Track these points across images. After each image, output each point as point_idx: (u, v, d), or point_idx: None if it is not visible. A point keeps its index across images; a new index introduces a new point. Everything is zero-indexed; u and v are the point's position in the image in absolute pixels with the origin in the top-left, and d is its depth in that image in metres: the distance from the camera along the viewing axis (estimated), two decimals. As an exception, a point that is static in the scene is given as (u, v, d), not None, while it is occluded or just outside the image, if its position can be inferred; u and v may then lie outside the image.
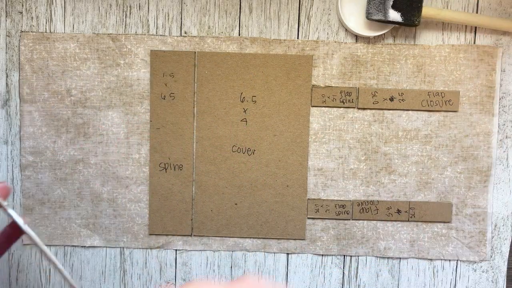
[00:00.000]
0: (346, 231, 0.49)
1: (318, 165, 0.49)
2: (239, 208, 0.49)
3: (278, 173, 0.49)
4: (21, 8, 0.47)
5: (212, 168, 0.48)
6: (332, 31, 0.48)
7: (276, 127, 0.48)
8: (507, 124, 0.49)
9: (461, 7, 0.48)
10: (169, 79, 0.48)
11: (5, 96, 0.48)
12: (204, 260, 0.50)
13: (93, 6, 0.48)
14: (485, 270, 0.50)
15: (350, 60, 0.48)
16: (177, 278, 0.50)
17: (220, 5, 0.48)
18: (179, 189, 0.49)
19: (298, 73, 0.48)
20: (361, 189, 0.49)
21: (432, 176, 0.49)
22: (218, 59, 0.48)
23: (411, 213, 0.49)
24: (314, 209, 0.49)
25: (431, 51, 0.48)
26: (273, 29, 0.48)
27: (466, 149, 0.49)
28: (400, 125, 0.49)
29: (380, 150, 0.49)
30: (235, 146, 0.48)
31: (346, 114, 0.48)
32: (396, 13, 0.45)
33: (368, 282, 0.50)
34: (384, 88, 0.48)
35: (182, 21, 0.48)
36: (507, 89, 0.49)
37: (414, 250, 0.49)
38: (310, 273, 0.50)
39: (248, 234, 0.49)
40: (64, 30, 0.48)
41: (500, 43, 0.48)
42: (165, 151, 0.48)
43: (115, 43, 0.47)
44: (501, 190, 0.49)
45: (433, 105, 0.48)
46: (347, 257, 0.50)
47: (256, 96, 0.48)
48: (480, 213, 0.49)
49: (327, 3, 0.48)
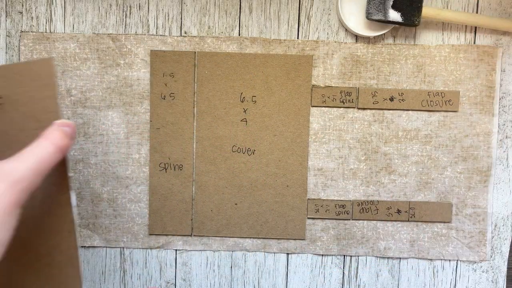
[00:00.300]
0: (346, 231, 0.49)
1: (318, 165, 0.49)
2: (239, 208, 0.49)
3: (278, 173, 0.49)
4: (21, 8, 0.47)
5: (212, 168, 0.48)
6: (332, 31, 0.48)
7: (276, 127, 0.48)
8: (507, 124, 0.49)
9: (461, 7, 0.48)
10: (169, 79, 0.48)
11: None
12: (204, 260, 0.50)
13: (93, 6, 0.48)
14: (485, 270, 0.50)
15: (350, 60, 0.48)
16: (177, 278, 0.50)
17: (220, 5, 0.48)
18: (179, 189, 0.49)
19: (298, 73, 0.48)
20: (361, 189, 0.49)
21: (432, 176, 0.49)
22: (218, 59, 0.48)
23: (411, 213, 0.49)
24: (314, 209, 0.49)
25: (431, 51, 0.48)
26: (273, 29, 0.48)
27: (466, 149, 0.49)
28: (400, 125, 0.49)
29: (380, 150, 0.49)
30: (235, 146, 0.48)
31: (346, 114, 0.48)
32: (396, 13, 0.45)
33: (368, 282, 0.50)
34: (384, 88, 0.48)
35: (182, 21, 0.48)
36: (507, 89, 0.49)
37: (414, 250, 0.49)
38: (310, 273, 0.50)
39: (248, 234, 0.49)
40: (64, 30, 0.48)
41: (500, 43, 0.48)
42: (165, 151, 0.48)
43: (115, 43, 0.47)
44: (501, 190, 0.49)
45: (433, 105, 0.48)
46: (347, 257, 0.50)
47: (256, 96, 0.48)
48: (480, 213, 0.49)
49: (327, 3, 0.48)
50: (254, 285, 0.50)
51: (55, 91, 0.36)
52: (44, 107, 0.36)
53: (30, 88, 0.36)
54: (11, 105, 0.37)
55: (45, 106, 0.36)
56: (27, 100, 0.36)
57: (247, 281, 0.50)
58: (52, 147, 0.32)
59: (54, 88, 0.36)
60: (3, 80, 0.36)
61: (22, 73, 0.36)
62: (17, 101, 0.36)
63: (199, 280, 0.50)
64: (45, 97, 0.36)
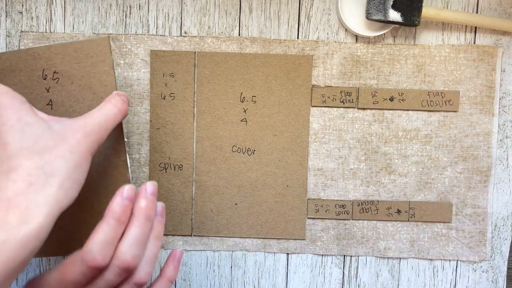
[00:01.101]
0: (346, 231, 0.49)
1: (318, 165, 0.49)
2: (239, 208, 0.49)
3: (278, 173, 0.49)
4: (21, 8, 0.47)
5: (212, 168, 0.48)
6: (332, 31, 0.48)
7: (276, 127, 0.48)
8: (507, 124, 0.49)
9: (461, 7, 0.48)
10: (169, 79, 0.48)
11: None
12: (204, 260, 0.50)
13: (93, 6, 0.48)
14: (485, 270, 0.50)
15: (350, 60, 0.48)
16: (177, 278, 0.50)
17: (220, 5, 0.48)
18: (179, 189, 0.49)
19: (298, 73, 0.48)
20: (361, 189, 0.49)
21: (432, 176, 0.49)
22: (218, 59, 0.48)
23: (411, 213, 0.49)
24: (314, 209, 0.49)
25: (431, 51, 0.48)
26: (273, 29, 0.48)
27: (466, 149, 0.49)
28: (400, 125, 0.49)
29: (380, 150, 0.49)
30: (235, 146, 0.48)
31: (346, 114, 0.48)
32: (396, 13, 0.45)
33: (368, 282, 0.50)
34: (384, 88, 0.48)
35: (182, 21, 0.48)
36: (507, 89, 0.49)
37: (414, 250, 0.49)
38: (310, 273, 0.50)
39: (248, 234, 0.49)
40: (64, 30, 0.48)
41: (500, 43, 0.48)
42: (165, 151, 0.48)
43: (115, 43, 0.47)
44: (501, 190, 0.49)
45: (433, 105, 0.48)
46: (347, 257, 0.50)
47: (256, 96, 0.48)
48: (480, 213, 0.49)
49: (327, 3, 0.48)
50: (254, 285, 0.50)
51: (111, 67, 0.41)
52: (100, 81, 0.41)
53: (86, 64, 0.41)
54: (67, 79, 0.41)
55: (102, 80, 0.41)
56: (83, 75, 0.41)
57: (247, 281, 0.50)
58: (115, 109, 0.37)
59: (110, 64, 0.41)
60: (60, 57, 0.41)
61: (78, 51, 0.41)
62: (73, 75, 0.41)
63: (199, 280, 0.50)
64: (101, 72, 0.41)
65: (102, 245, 0.31)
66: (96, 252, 0.31)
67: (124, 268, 0.32)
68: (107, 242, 0.32)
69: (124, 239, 0.33)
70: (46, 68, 0.41)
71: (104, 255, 0.31)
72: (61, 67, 0.41)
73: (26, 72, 0.41)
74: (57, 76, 0.41)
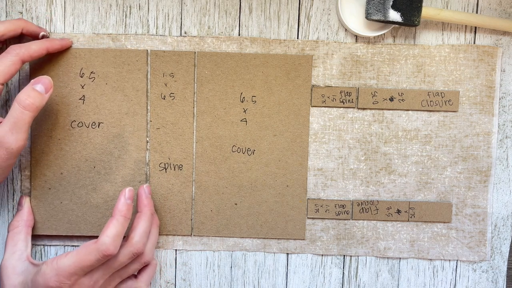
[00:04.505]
0: (346, 231, 0.49)
1: (318, 165, 0.49)
2: (239, 208, 0.49)
3: (278, 173, 0.49)
4: (21, 8, 0.47)
5: (212, 168, 0.48)
6: (332, 31, 0.48)
7: (276, 127, 0.48)
8: (507, 124, 0.49)
9: (461, 7, 0.48)
10: (169, 79, 0.48)
11: (4, 96, 0.48)
12: (204, 260, 0.50)
13: (93, 6, 0.48)
14: (485, 270, 0.50)
15: (350, 60, 0.48)
16: (177, 278, 0.50)
17: (220, 5, 0.48)
18: (179, 189, 0.49)
19: (298, 73, 0.48)
20: (361, 189, 0.49)
21: (432, 176, 0.49)
22: (218, 59, 0.48)
23: (411, 213, 0.49)
24: (314, 209, 0.49)
25: (431, 51, 0.48)
26: (273, 29, 0.48)
27: (466, 149, 0.49)
28: (400, 125, 0.49)
29: (380, 150, 0.49)
30: (235, 146, 0.48)
31: (346, 114, 0.48)
32: (396, 13, 0.45)
33: (368, 282, 0.50)
34: (384, 88, 0.48)
35: (182, 21, 0.48)
36: (507, 89, 0.49)
37: (414, 250, 0.49)
38: (310, 273, 0.50)
39: (248, 234, 0.49)
40: (64, 30, 0.48)
41: (500, 43, 0.48)
42: (165, 151, 0.48)
43: (115, 43, 0.47)
44: (501, 190, 0.49)
45: (433, 105, 0.48)
46: (347, 257, 0.50)
47: (256, 96, 0.48)
48: (480, 213, 0.49)
49: (327, 3, 0.48)
50: (254, 285, 0.50)
51: (145, 76, 0.47)
52: (133, 86, 0.47)
53: (122, 69, 0.47)
54: (102, 79, 0.47)
55: (135, 85, 0.47)
56: (117, 78, 0.47)
57: (247, 281, 0.50)
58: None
59: (144, 73, 0.47)
60: (99, 60, 0.47)
61: (117, 57, 0.47)
62: (108, 77, 0.47)
63: (199, 280, 0.50)
64: (135, 78, 0.47)
65: (114, 238, 0.39)
66: (109, 244, 0.39)
67: (137, 253, 0.42)
68: (118, 235, 0.40)
69: (136, 231, 0.43)
70: (84, 68, 0.46)
71: (116, 246, 0.39)
72: (99, 69, 0.47)
73: (65, 67, 0.46)
74: (93, 76, 0.47)
